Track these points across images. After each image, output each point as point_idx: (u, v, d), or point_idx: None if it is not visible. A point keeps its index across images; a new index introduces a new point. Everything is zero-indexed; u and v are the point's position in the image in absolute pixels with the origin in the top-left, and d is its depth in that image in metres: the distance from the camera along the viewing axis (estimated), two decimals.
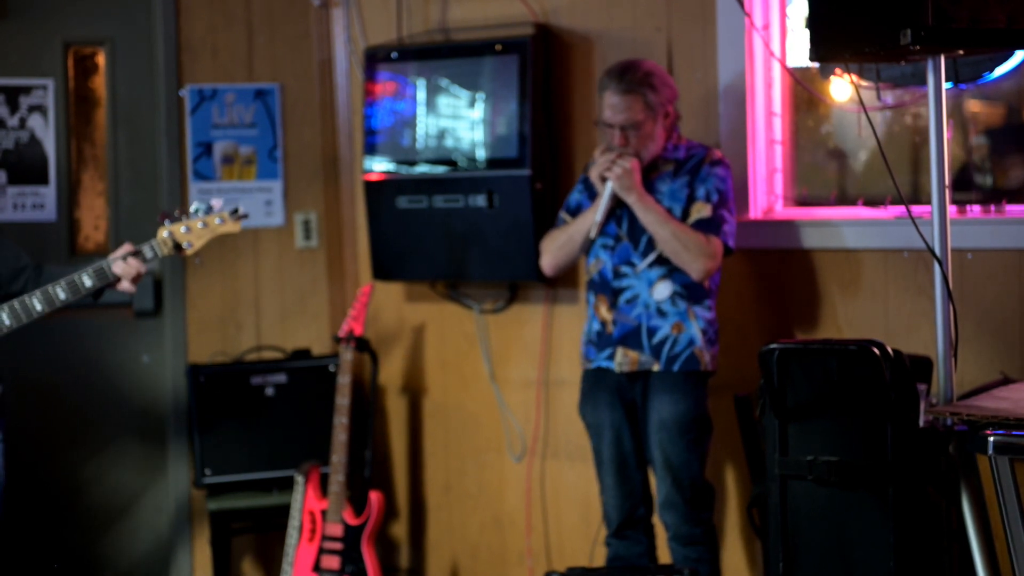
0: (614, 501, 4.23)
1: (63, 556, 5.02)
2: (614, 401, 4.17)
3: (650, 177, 4.14)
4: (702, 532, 4.14)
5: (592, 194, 4.23)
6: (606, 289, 4.16)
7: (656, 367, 4.09)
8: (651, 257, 4.10)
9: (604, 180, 4.09)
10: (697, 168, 4.13)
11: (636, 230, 4.12)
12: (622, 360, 4.12)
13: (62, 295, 3.82)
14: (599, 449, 4.23)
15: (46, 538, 5.00)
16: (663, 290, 4.09)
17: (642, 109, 4.07)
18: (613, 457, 4.20)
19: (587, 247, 4.21)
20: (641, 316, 4.11)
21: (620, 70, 4.10)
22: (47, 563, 4.96)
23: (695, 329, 4.08)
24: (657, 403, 4.10)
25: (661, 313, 4.09)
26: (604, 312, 4.16)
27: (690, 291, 4.09)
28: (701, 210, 4.08)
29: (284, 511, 4.77)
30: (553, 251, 4.29)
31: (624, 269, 4.14)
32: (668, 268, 4.08)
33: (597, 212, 4.11)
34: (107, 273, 3.84)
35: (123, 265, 3.84)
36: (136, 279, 3.86)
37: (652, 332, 4.09)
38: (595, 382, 4.22)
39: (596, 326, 4.19)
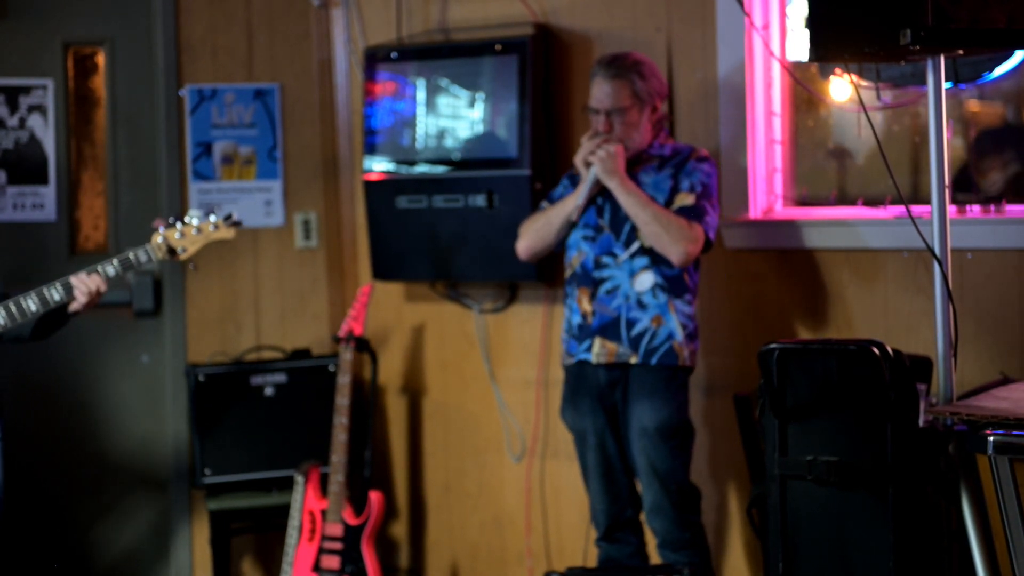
0: (602, 506, 4.23)
1: (62, 556, 5.02)
2: (595, 406, 4.16)
3: (634, 170, 4.15)
4: (691, 536, 4.13)
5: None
6: (587, 280, 4.16)
7: (634, 359, 4.08)
8: (634, 247, 4.10)
9: (588, 165, 4.11)
10: (683, 163, 4.15)
11: (618, 220, 4.12)
12: (599, 351, 4.11)
13: (56, 296, 3.85)
14: (583, 455, 4.23)
15: (45, 538, 5.00)
16: (645, 281, 4.09)
17: (628, 96, 4.09)
18: (598, 463, 4.19)
19: (565, 232, 4.20)
20: (621, 307, 4.10)
21: (610, 58, 4.17)
22: (46, 563, 4.96)
23: (675, 323, 4.08)
24: (639, 409, 4.09)
25: (641, 305, 4.09)
26: (586, 304, 4.16)
27: (671, 284, 4.09)
28: (684, 199, 4.09)
29: (284, 511, 4.77)
30: (530, 234, 4.29)
31: (605, 259, 4.14)
32: (651, 259, 4.08)
33: (579, 196, 4.12)
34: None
35: (85, 279, 3.85)
36: (93, 295, 3.86)
37: (631, 324, 4.09)
38: (577, 384, 4.21)
39: (577, 319, 4.19)
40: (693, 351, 4.13)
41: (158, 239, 3.98)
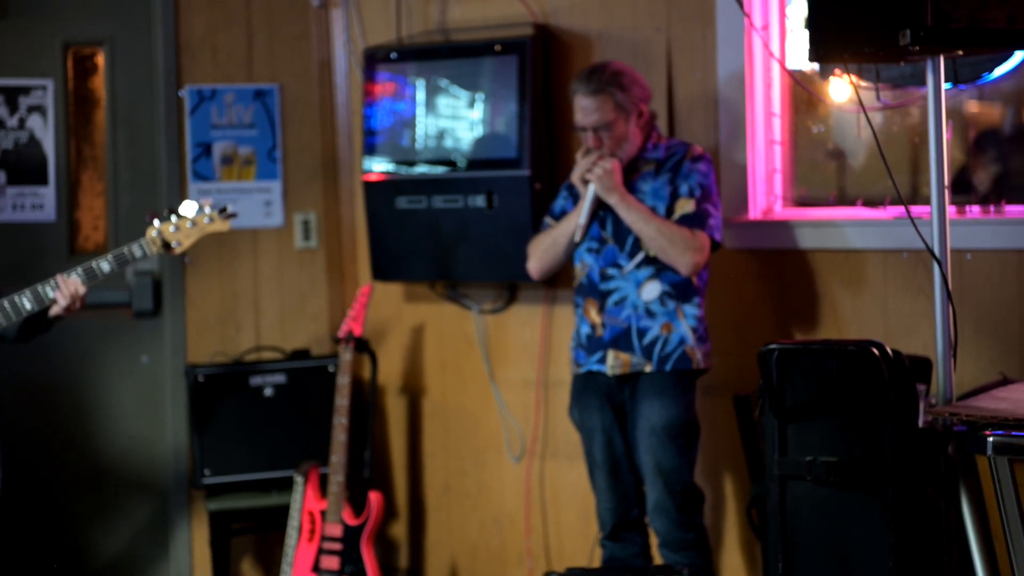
0: (608, 504, 4.23)
1: (61, 556, 5.02)
2: (603, 404, 4.17)
3: (631, 178, 4.15)
4: (694, 537, 4.13)
5: (576, 200, 4.24)
6: (594, 292, 4.16)
7: (648, 368, 4.09)
8: (638, 258, 4.10)
9: (586, 183, 4.10)
10: (678, 165, 4.14)
11: (621, 231, 4.12)
12: (614, 363, 4.12)
13: (51, 293, 3.85)
14: (591, 452, 4.23)
15: (44, 538, 5.00)
16: (652, 290, 4.09)
17: (612, 109, 4.08)
18: (606, 460, 4.19)
19: (572, 250, 4.21)
20: (630, 317, 4.11)
21: (588, 73, 4.13)
22: (46, 563, 4.96)
23: (685, 328, 4.08)
24: (647, 407, 4.09)
25: (650, 314, 4.09)
26: (594, 315, 4.16)
27: (678, 290, 4.09)
28: (685, 206, 4.09)
29: (284, 511, 4.76)
30: (539, 255, 4.30)
31: (611, 271, 4.14)
32: (656, 268, 4.08)
33: (580, 215, 4.12)
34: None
35: (65, 279, 3.83)
36: (74, 298, 3.83)
37: (642, 333, 4.09)
38: (585, 386, 4.22)
39: (586, 329, 4.19)
40: (706, 352, 4.13)
41: (152, 233, 3.93)
